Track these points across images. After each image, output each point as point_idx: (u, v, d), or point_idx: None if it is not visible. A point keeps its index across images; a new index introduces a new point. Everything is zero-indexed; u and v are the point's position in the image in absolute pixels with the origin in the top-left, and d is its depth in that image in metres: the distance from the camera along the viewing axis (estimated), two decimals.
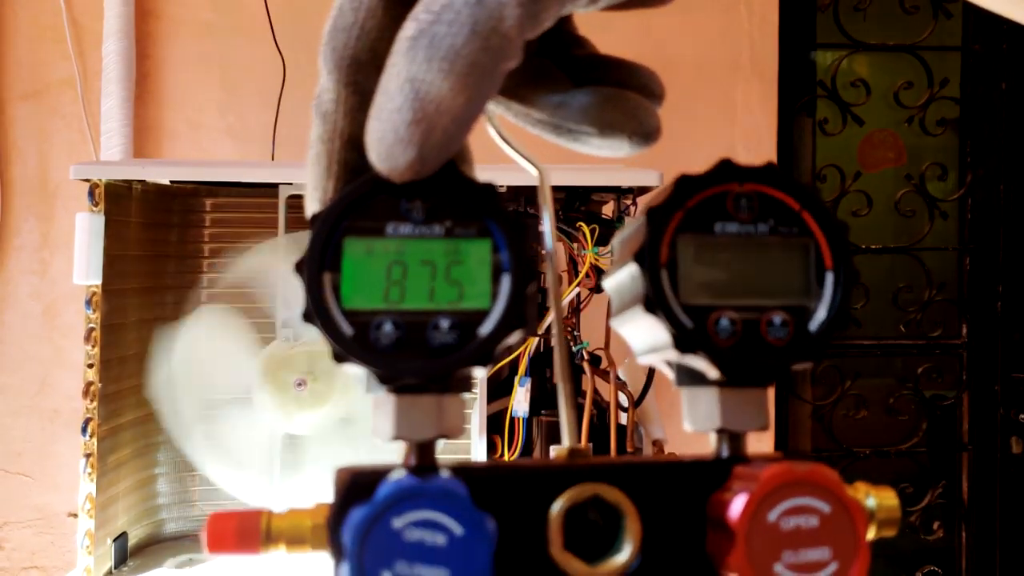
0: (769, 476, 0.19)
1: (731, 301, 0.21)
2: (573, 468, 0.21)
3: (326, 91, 0.21)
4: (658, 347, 0.21)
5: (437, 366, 0.20)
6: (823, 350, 0.21)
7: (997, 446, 1.51)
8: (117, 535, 0.84)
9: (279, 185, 0.85)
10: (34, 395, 1.21)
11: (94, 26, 1.21)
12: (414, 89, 0.18)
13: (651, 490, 0.21)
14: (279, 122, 1.24)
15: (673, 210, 0.21)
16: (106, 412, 0.81)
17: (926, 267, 1.51)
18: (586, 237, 0.80)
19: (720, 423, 0.21)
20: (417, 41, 0.18)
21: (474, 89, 0.18)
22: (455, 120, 0.18)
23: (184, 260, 0.93)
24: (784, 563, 0.19)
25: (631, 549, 0.20)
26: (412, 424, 0.20)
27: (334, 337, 0.20)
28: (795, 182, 0.21)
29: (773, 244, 0.21)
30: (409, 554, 0.18)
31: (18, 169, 1.22)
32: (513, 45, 0.18)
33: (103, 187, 0.79)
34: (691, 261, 0.21)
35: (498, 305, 0.20)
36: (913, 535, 1.51)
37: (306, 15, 1.25)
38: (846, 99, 1.49)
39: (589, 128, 0.23)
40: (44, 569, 1.19)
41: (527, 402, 0.82)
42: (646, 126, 0.23)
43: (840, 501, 0.19)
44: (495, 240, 0.20)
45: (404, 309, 0.20)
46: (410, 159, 0.19)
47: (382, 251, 0.20)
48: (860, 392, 1.50)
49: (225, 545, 0.20)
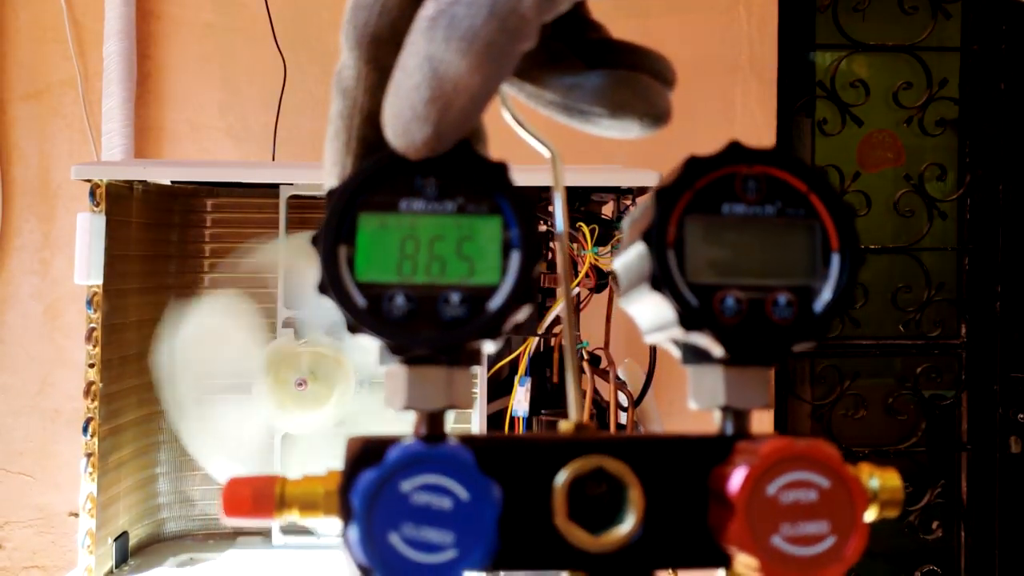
0: (769, 450, 0.19)
1: (737, 280, 0.21)
2: (578, 440, 0.21)
3: (347, 67, 0.21)
4: (664, 325, 0.22)
5: (448, 337, 0.20)
6: (827, 330, 0.21)
7: (996, 446, 1.52)
8: (118, 534, 0.84)
9: (280, 185, 0.85)
10: (35, 395, 1.21)
11: (95, 26, 1.21)
12: (432, 67, 0.18)
13: (654, 463, 0.21)
14: (280, 122, 1.24)
15: (681, 191, 0.21)
16: (107, 412, 0.81)
17: (925, 267, 1.51)
18: (586, 237, 0.81)
19: (724, 400, 0.22)
20: (436, 21, 0.18)
21: (491, 68, 0.18)
22: (472, 98, 0.19)
23: (185, 260, 0.94)
24: (782, 535, 0.19)
25: (634, 520, 0.20)
26: (423, 394, 0.21)
27: (348, 308, 0.20)
28: (803, 164, 0.22)
29: (780, 225, 0.21)
30: (416, 517, 0.19)
31: (19, 169, 1.22)
32: (530, 27, 0.19)
33: (104, 187, 0.80)
34: (698, 241, 0.21)
35: (507, 281, 0.21)
36: (912, 535, 1.51)
37: (307, 16, 1.25)
38: (845, 99, 1.49)
39: (600, 109, 0.23)
40: (45, 568, 1.19)
41: (527, 402, 0.82)
42: (657, 108, 0.23)
43: (839, 476, 0.20)
44: (505, 217, 0.21)
45: (416, 283, 0.20)
46: (426, 136, 0.19)
47: (395, 226, 0.21)
48: (859, 392, 1.50)
49: (241, 509, 0.21)
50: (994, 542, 1.52)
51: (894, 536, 1.51)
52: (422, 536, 0.19)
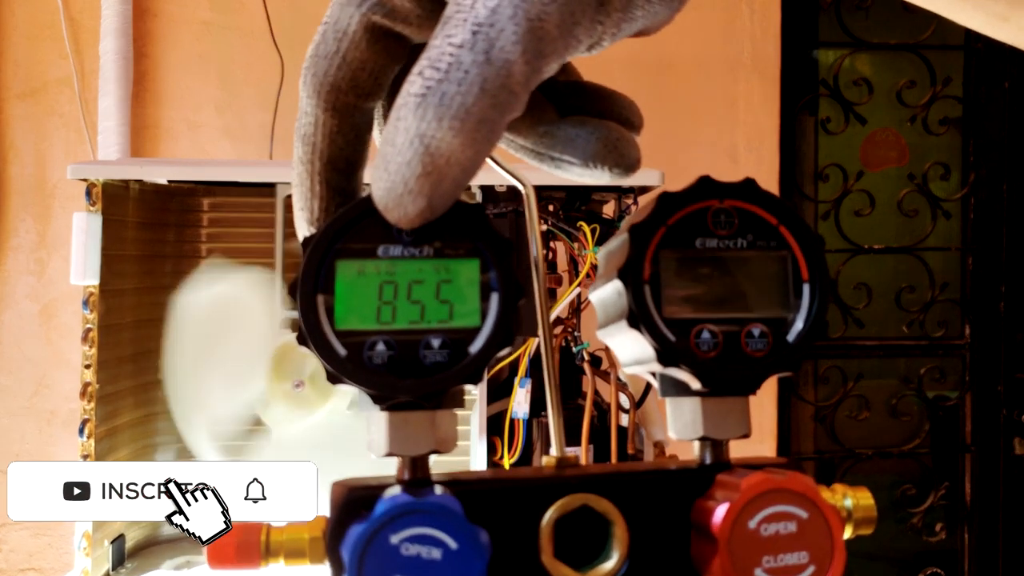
0: (749, 485, 0.20)
1: (712, 314, 0.22)
2: (562, 479, 0.22)
3: (305, 115, 0.22)
4: (642, 360, 0.22)
5: (430, 384, 0.20)
6: (801, 360, 0.22)
7: (1000, 447, 1.51)
8: (115, 537, 0.83)
9: (277, 185, 0.84)
10: (31, 396, 1.20)
11: (91, 25, 1.20)
12: (424, 145, 0.18)
13: (637, 498, 0.22)
14: (277, 121, 1.23)
15: (655, 227, 0.22)
16: (103, 413, 0.80)
17: (929, 267, 1.51)
18: (587, 237, 0.80)
19: (703, 431, 0.22)
20: (426, 99, 0.18)
21: (483, 143, 0.19)
22: (463, 170, 0.19)
23: (182, 260, 0.93)
24: (764, 568, 0.20)
25: (618, 556, 0.21)
26: (405, 440, 0.21)
27: (328, 358, 0.20)
28: (772, 198, 0.22)
29: (752, 258, 0.22)
30: (406, 568, 0.19)
31: (15, 168, 1.22)
32: (519, 99, 0.19)
33: (100, 187, 0.79)
34: (673, 276, 0.22)
35: (488, 323, 0.21)
36: (916, 537, 1.50)
37: (304, 14, 1.25)
38: (848, 98, 1.48)
39: (572, 159, 0.24)
40: (41, 571, 1.19)
41: (527, 403, 0.81)
42: (627, 159, 0.24)
43: (816, 507, 0.20)
44: (484, 259, 0.21)
45: (396, 328, 0.21)
46: (420, 208, 0.19)
47: (374, 272, 0.21)
48: (863, 393, 1.49)
49: (226, 560, 0.21)
50: (998, 544, 1.51)
51: (897, 538, 1.51)
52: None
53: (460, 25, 0.18)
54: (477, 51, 0.18)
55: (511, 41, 0.18)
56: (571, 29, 0.19)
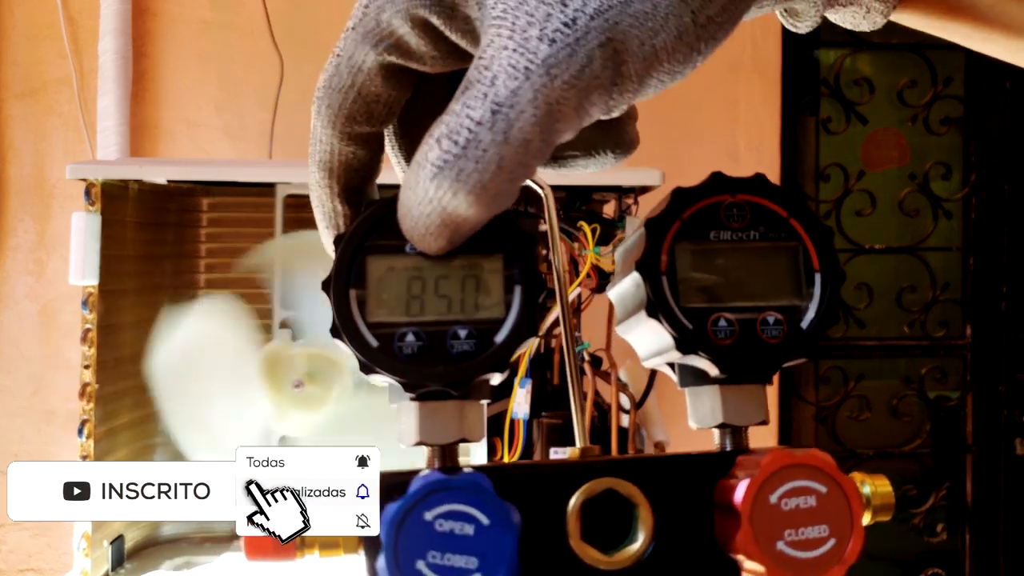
0: (769, 460, 0.21)
1: (728, 303, 0.22)
2: (588, 465, 0.22)
3: (320, 143, 0.23)
4: (661, 350, 0.23)
5: (457, 372, 0.21)
6: (815, 346, 0.23)
7: (1001, 448, 1.50)
8: (114, 538, 0.83)
9: (276, 184, 0.84)
10: (30, 396, 1.20)
11: (90, 24, 1.20)
12: (441, 207, 0.19)
13: (661, 482, 0.22)
14: (277, 121, 1.23)
15: (671, 221, 0.23)
16: (103, 413, 0.80)
17: (930, 267, 1.50)
18: (587, 237, 0.79)
19: (722, 418, 0.23)
20: (443, 172, 0.19)
21: (499, 207, 0.20)
22: (480, 222, 0.20)
23: (181, 260, 0.93)
24: (786, 541, 0.20)
25: (644, 538, 0.22)
26: (435, 429, 0.22)
27: (361, 349, 0.21)
28: (783, 192, 0.23)
29: (765, 249, 0.23)
30: (440, 544, 0.20)
31: (14, 168, 1.21)
32: (533, 170, 0.20)
33: (99, 187, 0.79)
34: (689, 267, 0.23)
35: (512, 314, 0.22)
36: (917, 537, 1.50)
37: (304, 13, 1.24)
38: (849, 97, 1.48)
39: (574, 151, 0.25)
40: (41, 571, 1.19)
41: (527, 404, 0.81)
42: (626, 139, 0.25)
43: (835, 481, 0.21)
44: (507, 254, 0.22)
45: (425, 320, 0.22)
46: (440, 247, 0.21)
47: (402, 268, 0.22)
48: (864, 393, 1.49)
49: (264, 552, 0.22)
50: (999, 545, 1.50)
51: (898, 539, 1.50)
52: (447, 562, 0.20)
53: (480, 100, 0.19)
54: (496, 131, 0.19)
55: (530, 123, 0.19)
56: (587, 109, 0.20)
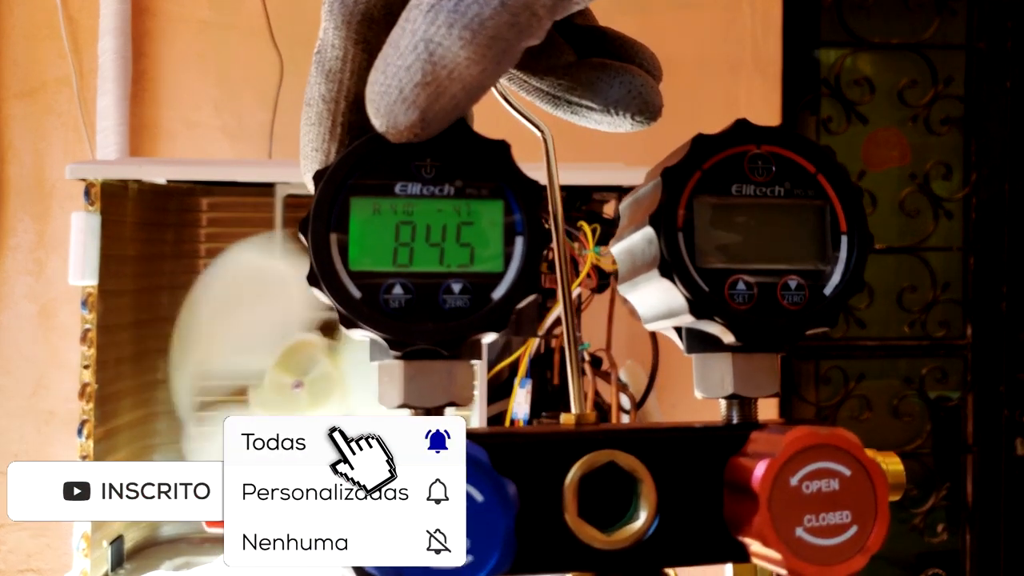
0: (792, 439, 0.19)
1: (747, 265, 0.20)
2: (588, 435, 0.20)
3: (332, 47, 0.20)
4: (671, 312, 0.21)
5: (450, 330, 0.19)
6: (837, 315, 0.21)
7: (1002, 448, 1.50)
8: (114, 538, 0.83)
9: (276, 184, 0.84)
10: (29, 396, 1.20)
11: (90, 24, 1.20)
12: (428, 50, 0.17)
13: (666, 456, 0.20)
14: (276, 121, 1.23)
15: (690, 171, 0.20)
16: (102, 414, 0.80)
17: (931, 267, 1.50)
18: (587, 236, 0.79)
19: (733, 389, 0.21)
20: (440, 2, 0.17)
21: (492, 62, 0.17)
22: (465, 88, 0.17)
23: (180, 260, 0.93)
24: (806, 527, 0.19)
25: (647, 515, 0.20)
26: (422, 391, 0.20)
27: (341, 301, 0.19)
28: (811, 144, 0.21)
29: (789, 207, 0.21)
30: None
31: (14, 168, 1.21)
32: (541, 25, 0.17)
33: (99, 186, 0.79)
34: (707, 224, 0.20)
35: (512, 268, 0.19)
36: (917, 537, 1.50)
37: (304, 13, 1.24)
38: (850, 97, 1.48)
39: (594, 104, 0.22)
40: (40, 572, 1.18)
41: (527, 404, 0.81)
42: (652, 106, 0.22)
43: (860, 464, 0.19)
44: (508, 201, 0.20)
45: (414, 271, 0.19)
46: (411, 120, 0.18)
47: (390, 211, 0.19)
48: (864, 393, 1.49)
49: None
50: (1000, 545, 1.50)
51: (898, 539, 1.50)
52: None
53: None
54: None
55: None
56: None
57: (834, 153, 0.21)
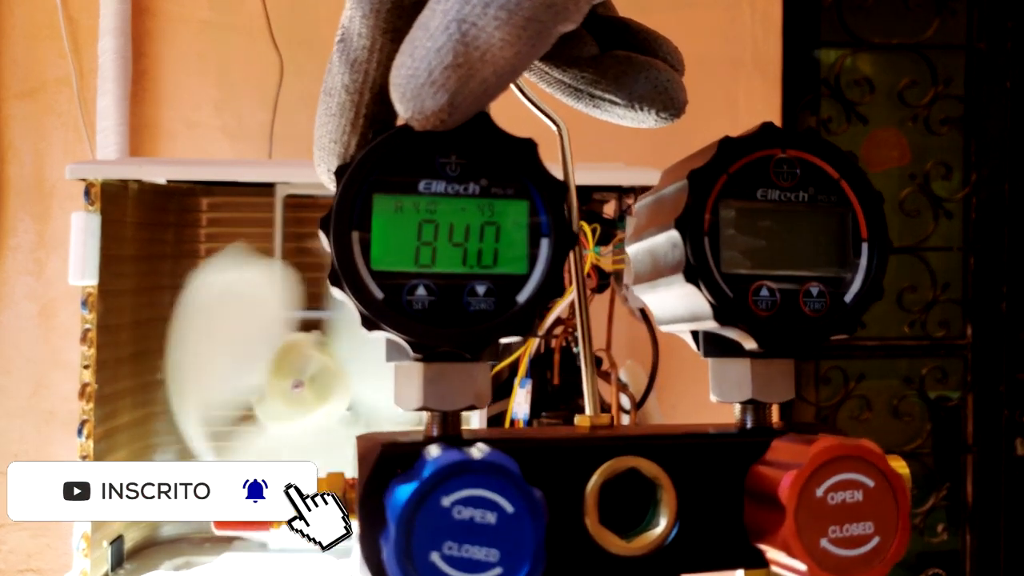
0: (820, 451, 0.19)
1: (771, 271, 0.20)
2: (608, 441, 0.20)
3: (358, 35, 0.19)
4: (695, 317, 0.21)
5: (475, 334, 0.18)
6: (858, 322, 0.21)
7: (1002, 448, 1.50)
8: (114, 538, 0.83)
9: (276, 184, 0.84)
10: (30, 396, 1.20)
11: (90, 24, 1.20)
12: (461, 31, 0.16)
13: (687, 463, 0.20)
14: (276, 121, 1.23)
15: (717, 174, 0.20)
16: (102, 414, 0.80)
17: (930, 267, 1.50)
18: (587, 237, 0.79)
19: (751, 394, 0.21)
20: None
21: (526, 45, 0.16)
22: (497, 72, 0.17)
23: (180, 260, 0.93)
24: (830, 538, 0.19)
25: (667, 521, 0.20)
26: (442, 394, 0.19)
27: (364, 301, 0.18)
28: (835, 149, 0.21)
29: (813, 213, 0.21)
30: (458, 534, 0.17)
31: (14, 168, 1.21)
32: (580, 10, 0.17)
33: (99, 186, 0.79)
34: (732, 229, 0.20)
35: (537, 271, 0.19)
36: (917, 538, 1.50)
37: (304, 13, 1.24)
38: (850, 97, 1.48)
39: (617, 98, 0.22)
40: (40, 572, 1.18)
41: (528, 404, 0.81)
42: (677, 102, 0.22)
43: (884, 475, 0.19)
44: (534, 201, 0.19)
45: (437, 272, 0.19)
46: (439, 104, 0.17)
47: (412, 209, 0.19)
48: (864, 393, 1.49)
49: (232, 524, 0.21)
50: (1000, 545, 1.50)
51: None
52: (465, 554, 0.17)
53: None
54: None
55: None
56: None
57: (857, 160, 0.21)
